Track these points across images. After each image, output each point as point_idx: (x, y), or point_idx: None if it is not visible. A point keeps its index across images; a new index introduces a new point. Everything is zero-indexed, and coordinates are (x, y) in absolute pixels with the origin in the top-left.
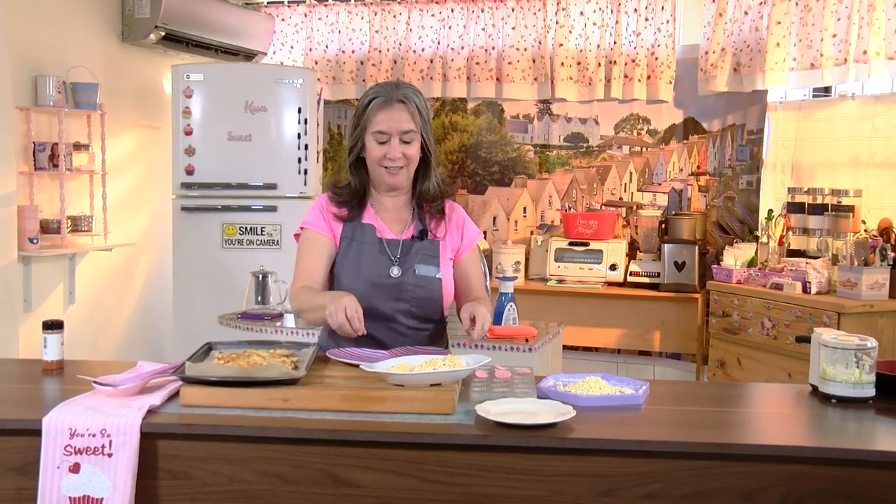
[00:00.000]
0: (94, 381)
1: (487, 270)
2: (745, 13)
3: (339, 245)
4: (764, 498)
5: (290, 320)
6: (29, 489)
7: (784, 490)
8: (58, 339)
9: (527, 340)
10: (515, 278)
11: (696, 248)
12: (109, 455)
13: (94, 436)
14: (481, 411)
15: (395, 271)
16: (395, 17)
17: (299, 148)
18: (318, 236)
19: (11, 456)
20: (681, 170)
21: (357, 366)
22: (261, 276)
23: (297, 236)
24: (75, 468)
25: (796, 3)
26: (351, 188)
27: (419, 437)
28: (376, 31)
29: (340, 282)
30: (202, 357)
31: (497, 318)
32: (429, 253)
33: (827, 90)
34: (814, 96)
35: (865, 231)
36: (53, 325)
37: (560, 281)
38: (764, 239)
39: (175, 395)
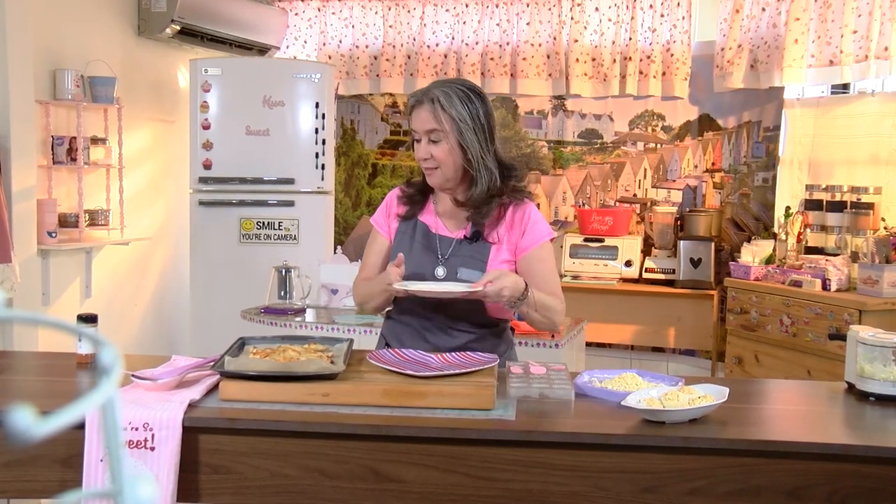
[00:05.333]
0: (133, 375)
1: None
2: (763, 9)
3: (393, 239)
4: (809, 496)
5: (312, 315)
6: (73, 481)
7: (830, 488)
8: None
9: (552, 336)
10: None
11: (713, 244)
12: (152, 449)
13: (136, 429)
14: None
15: (441, 272)
16: (409, 11)
17: (317, 143)
18: (378, 234)
19: (55, 448)
20: (695, 166)
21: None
22: (284, 271)
23: None
24: None
25: (815, 0)
26: (419, 185)
27: (462, 433)
28: (390, 27)
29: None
30: (236, 352)
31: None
32: (477, 256)
33: (845, 87)
34: (832, 93)
35: (886, 228)
36: (88, 319)
37: (575, 277)
38: (782, 236)
39: (213, 390)
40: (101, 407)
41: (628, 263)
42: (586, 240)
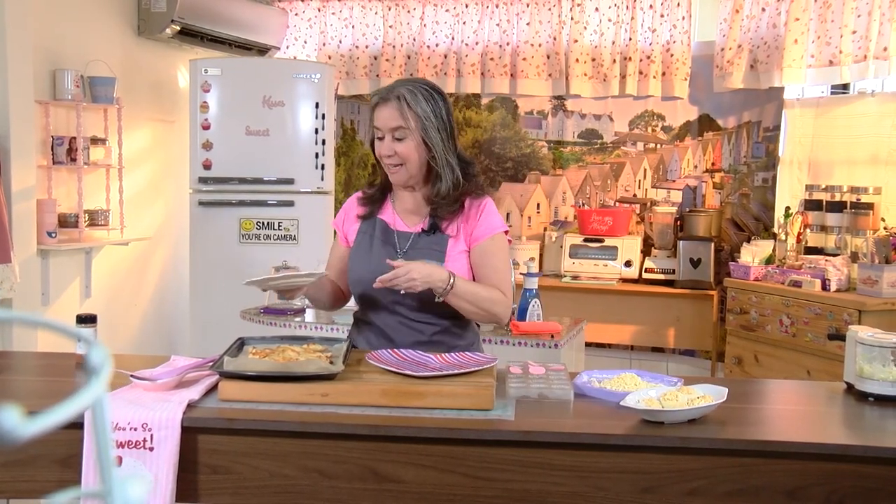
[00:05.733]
0: (132, 375)
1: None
2: (763, 9)
3: (354, 241)
4: (808, 496)
5: (311, 315)
6: (72, 481)
7: (828, 488)
8: (92, 334)
9: (552, 336)
10: (540, 274)
11: (712, 244)
12: (151, 449)
13: (135, 429)
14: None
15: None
16: (409, 12)
17: (316, 143)
18: (336, 240)
19: (54, 448)
20: (695, 167)
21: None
22: (283, 271)
23: None
24: (117, 461)
25: (815, 0)
26: (379, 186)
27: (461, 433)
28: (390, 27)
29: (351, 273)
30: (236, 352)
31: (521, 314)
32: (436, 247)
33: (845, 87)
34: (832, 93)
35: (885, 228)
36: (88, 319)
37: (575, 277)
38: (782, 236)
39: (212, 390)
40: (90, 407)
41: (628, 263)
42: (586, 240)
